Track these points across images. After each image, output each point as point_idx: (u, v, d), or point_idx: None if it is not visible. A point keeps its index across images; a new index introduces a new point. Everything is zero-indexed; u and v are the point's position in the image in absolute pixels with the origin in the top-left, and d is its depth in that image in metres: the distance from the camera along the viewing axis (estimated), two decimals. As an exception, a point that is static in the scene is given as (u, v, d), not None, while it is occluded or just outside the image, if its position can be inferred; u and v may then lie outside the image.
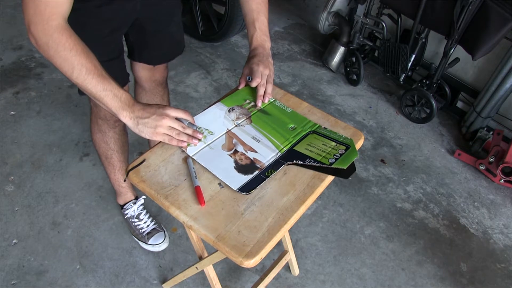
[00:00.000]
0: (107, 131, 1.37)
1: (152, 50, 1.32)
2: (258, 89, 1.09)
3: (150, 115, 0.93)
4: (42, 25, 0.82)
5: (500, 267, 1.67)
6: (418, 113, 2.26)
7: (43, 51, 0.86)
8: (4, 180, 1.76)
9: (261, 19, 1.12)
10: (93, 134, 1.41)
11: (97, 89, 0.89)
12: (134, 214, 1.59)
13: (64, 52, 0.85)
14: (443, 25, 1.90)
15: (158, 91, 1.48)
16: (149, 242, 1.57)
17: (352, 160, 0.97)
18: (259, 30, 1.12)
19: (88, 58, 0.87)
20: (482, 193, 1.96)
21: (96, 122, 1.35)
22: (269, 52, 1.13)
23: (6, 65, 2.30)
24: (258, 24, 1.11)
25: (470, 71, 2.23)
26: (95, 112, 1.33)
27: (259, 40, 1.12)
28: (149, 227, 1.59)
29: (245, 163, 0.96)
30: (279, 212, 0.88)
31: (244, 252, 0.80)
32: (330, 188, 1.88)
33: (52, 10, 0.82)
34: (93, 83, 0.88)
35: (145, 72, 1.40)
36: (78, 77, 0.87)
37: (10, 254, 1.52)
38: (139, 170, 0.94)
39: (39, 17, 0.82)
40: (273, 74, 1.12)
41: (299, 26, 2.94)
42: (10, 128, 1.97)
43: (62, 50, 0.84)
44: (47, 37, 0.83)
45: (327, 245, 1.67)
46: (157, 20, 1.24)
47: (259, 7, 1.12)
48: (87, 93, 0.91)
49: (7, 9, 2.71)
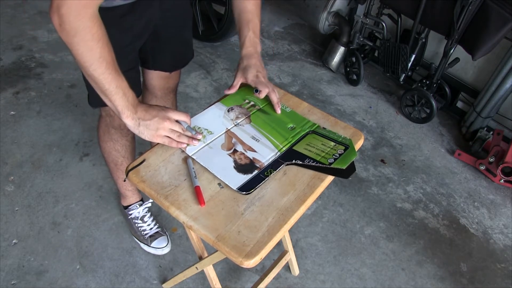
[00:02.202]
0: (119, 139, 1.36)
1: (167, 56, 1.30)
2: (272, 97, 1.10)
3: (152, 117, 0.93)
4: (77, 9, 0.78)
5: (500, 267, 1.67)
6: (418, 113, 2.26)
7: (68, 36, 0.80)
8: (4, 180, 1.76)
9: (255, 21, 1.11)
10: (103, 142, 1.38)
11: (111, 85, 0.87)
12: (139, 215, 1.59)
13: (92, 42, 0.81)
14: (443, 25, 1.90)
15: (169, 98, 1.47)
16: (152, 245, 1.56)
17: (351, 160, 0.97)
18: (253, 32, 1.11)
19: (110, 52, 0.85)
20: (482, 193, 1.96)
21: (108, 131, 1.33)
22: (259, 55, 1.13)
23: (6, 65, 2.30)
24: (252, 25, 1.11)
25: (470, 71, 2.23)
26: (107, 121, 1.30)
27: (252, 42, 1.11)
28: (152, 230, 1.58)
29: (244, 162, 0.96)
30: (279, 212, 0.88)
31: (244, 252, 0.80)
32: (330, 188, 1.88)
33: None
34: (109, 78, 0.86)
35: (160, 80, 1.38)
36: (96, 70, 0.85)
37: (10, 254, 1.52)
38: (139, 170, 0.94)
39: (77, 0, 0.77)
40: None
41: (299, 26, 2.94)
42: (10, 128, 1.97)
43: (90, 39, 0.81)
44: (78, 23, 0.79)
45: (327, 245, 1.67)
46: (173, 26, 1.23)
47: (254, 8, 1.11)
48: (97, 87, 0.89)
49: (7, 9, 2.71)
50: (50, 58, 2.38)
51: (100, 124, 1.35)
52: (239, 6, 1.12)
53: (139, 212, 1.59)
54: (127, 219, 1.62)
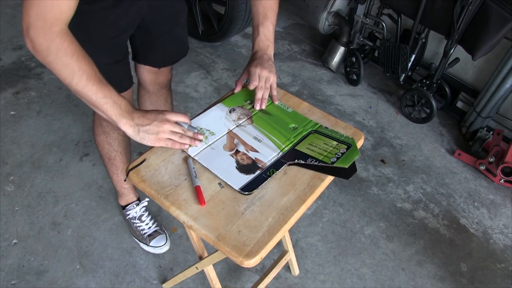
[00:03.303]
0: (111, 132, 1.36)
1: (157, 52, 1.31)
2: (256, 92, 1.08)
3: (151, 122, 0.92)
4: (43, 30, 0.79)
5: (500, 267, 1.67)
6: (418, 113, 2.26)
7: (41, 57, 0.82)
8: (4, 180, 1.76)
9: (266, 24, 1.10)
10: (96, 136, 1.39)
11: (97, 96, 0.86)
12: (136, 215, 1.59)
13: (66, 58, 0.82)
14: (443, 25, 1.90)
15: (162, 93, 1.47)
16: (151, 244, 1.57)
17: (353, 159, 0.97)
18: (262, 35, 1.10)
19: (88, 64, 0.85)
20: (482, 193, 1.96)
21: (100, 123, 1.34)
22: (270, 57, 1.11)
23: (6, 65, 2.30)
24: (263, 29, 1.10)
25: (470, 71, 2.24)
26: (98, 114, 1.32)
27: (261, 45, 1.10)
28: (150, 229, 1.58)
29: (246, 163, 0.96)
30: (279, 212, 0.88)
31: (245, 251, 0.80)
32: (330, 188, 1.88)
33: (56, 16, 0.79)
34: (93, 89, 0.85)
35: (150, 75, 1.39)
36: (78, 84, 0.84)
37: (10, 254, 1.52)
38: (139, 170, 0.94)
39: (41, 22, 0.78)
40: (275, 78, 1.10)
41: (299, 26, 2.94)
42: (10, 128, 1.96)
43: (63, 55, 0.82)
44: (48, 42, 0.80)
45: (327, 245, 1.67)
46: (163, 23, 1.23)
47: (265, 11, 1.10)
48: (86, 100, 0.88)
49: (7, 9, 2.71)
50: (50, 58, 2.38)
51: (94, 117, 1.36)
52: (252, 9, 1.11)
53: (136, 212, 1.59)
54: (126, 219, 1.62)
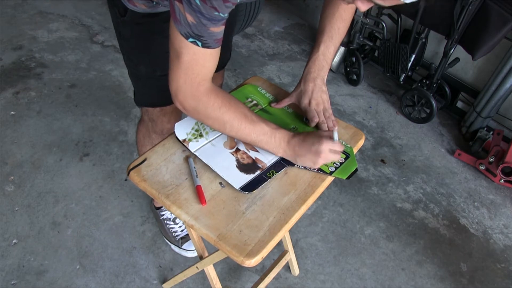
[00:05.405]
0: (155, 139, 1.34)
1: None
2: (321, 128, 1.06)
3: (306, 153, 0.93)
4: (191, 92, 0.84)
5: (500, 267, 1.67)
6: (418, 113, 2.26)
7: (192, 115, 0.89)
8: (4, 180, 1.75)
9: (329, 44, 1.05)
10: (143, 147, 1.36)
11: (251, 137, 0.91)
12: (171, 216, 1.58)
13: (214, 113, 0.87)
14: (443, 25, 1.91)
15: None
16: (183, 247, 1.56)
17: (351, 171, 0.97)
18: (322, 54, 1.06)
19: (237, 110, 0.88)
20: (482, 193, 1.96)
21: (149, 136, 1.32)
22: (323, 78, 1.07)
23: (6, 65, 2.30)
24: (324, 49, 1.06)
25: (470, 71, 2.24)
26: (149, 126, 1.29)
27: (317, 64, 1.06)
28: (183, 232, 1.57)
29: (246, 162, 0.96)
30: (280, 211, 0.88)
31: (245, 251, 0.80)
32: (330, 188, 1.88)
33: (202, 77, 0.83)
34: (246, 132, 0.90)
35: None
36: (231, 131, 0.90)
37: (10, 254, 1.52)
38: (140, 169, 0.94)
39: (189, 85, 0.83)
40: (329, 104, 1.07)
41: (299, 26, 2.95)
42: (10, 128, 1.96)
43: (211, 111, 0.86)
44: (196, 102, 0.85)
45: (327, 245, 1.67)
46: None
47: (333, 33, 1.05)
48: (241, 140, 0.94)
49: (7, 9, 2.71)
50: (50, 58, 2.38)
51: (141, 128, 1.34)
52: (320, 22, 1.05)
53: (171, 213, 1.58)
54: (159, 220, 1.61)
